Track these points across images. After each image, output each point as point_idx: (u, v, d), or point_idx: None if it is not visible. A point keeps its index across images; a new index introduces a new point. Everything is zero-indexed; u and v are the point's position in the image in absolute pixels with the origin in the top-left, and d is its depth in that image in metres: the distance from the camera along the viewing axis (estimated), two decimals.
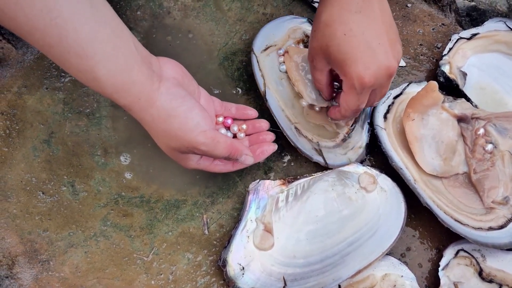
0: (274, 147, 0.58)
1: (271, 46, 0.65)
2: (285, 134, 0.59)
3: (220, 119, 0.57)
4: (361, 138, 0.61)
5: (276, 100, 0.61)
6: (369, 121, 0.62)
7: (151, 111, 0.46)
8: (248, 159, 0.54)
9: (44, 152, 0.60)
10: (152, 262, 0.55)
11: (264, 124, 0.59)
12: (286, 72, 0.63)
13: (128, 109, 0.46)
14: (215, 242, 0.57)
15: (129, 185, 0.60)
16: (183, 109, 0.47)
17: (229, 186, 0.60)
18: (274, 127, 0.60)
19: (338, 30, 0.48)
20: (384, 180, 0.57)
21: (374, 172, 0.57)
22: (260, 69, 0.63)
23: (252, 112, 0.59)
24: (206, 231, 0.58)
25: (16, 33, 0.40)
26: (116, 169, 0.60)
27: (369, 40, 0.48)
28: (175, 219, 0.58)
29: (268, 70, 0.63)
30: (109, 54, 0.42)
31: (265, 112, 0.61)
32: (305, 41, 0.66)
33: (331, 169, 0.59)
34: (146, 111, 0.46)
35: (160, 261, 0.56)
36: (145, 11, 0.70)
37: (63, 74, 0.65)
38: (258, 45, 0.64)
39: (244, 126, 0.58)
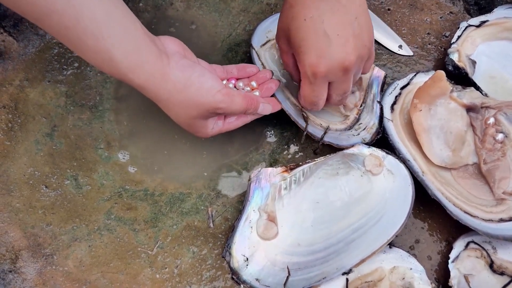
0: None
1: (269, 41, 0.64)
2: (293, 119, 0.58)
3: (224, 82, 0.57)
4: (372, 118, 0.60)
5: (281, 90, 0.60)
6: (378, 99, 0.61)
7: (166, 86, 0.47)
8: (267, 108, 0.55)
9: (46, 146, 0.60)
10: (157, 255, 0.55)
11: (268, 73, 0.59)
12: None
13: (144, 88, 0.47)
14: (220, 236, 0.56)
15: (133, 178, 0.59)
16: (195, 75, 0.48)
17: (234, 178, 0.59)
18: (284, 115, 0.59)
19: (300, 13, 0.48)
20: (391, 162, 0.55)
21: (380, 153, 0.56)
22: (261, 62, 0.62)
23: (254, 69, 0.59)
24: (211, 224, 0.57)
25: (33, 18, 0.41)
26: (120, 162, 0.59)
27: (328, 29, 0.47)
28: (180, 212, 0.57)
29: (269, 62, 0.63)
30: (122, 35, 0.43)
31: None
32: None
33: (337, 150, 0.58)
34: (161, 87, 0.47)
35: (164, 255, 0.55)
36: (147, 3, 0.69)
37: (65, 66, 0.64)
38: (257, 40, 0.64)
39: (254, 83, 0.58)
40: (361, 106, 0.61)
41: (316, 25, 0.47)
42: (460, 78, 0.62)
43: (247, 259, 0.52)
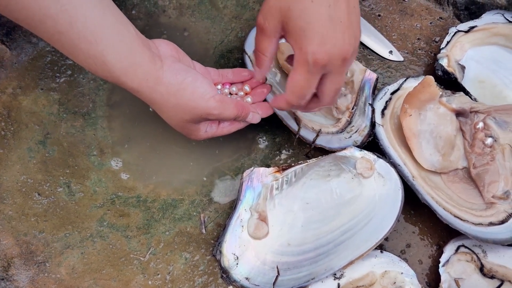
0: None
1: None
2: (285, 123, 0.59)
3: (219, 86, 0.58)
4: (364, 120, 0.60)
5: (273, 95, 0.61)
6: (370, 102, 0.61)
7: (159, 89, 0.48)
8: (255, 117, 0.55)
9: (39, 153, 0.60)
10: (149, 262, 0.55)
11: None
12: (281, 67, 0.63)
13: (137, 91, 0.48)
14: (212, 242, 0.56)
15: (125, 185, 0.59)
16: (189, 80, 0.49)
17: (226, 184, 0.60)
18: (275, 121, 0.59)
19: None
20: (382, 165, 0.56)
21: (371, 157, 0.56)
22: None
23: (248, 73, 0.60)
24: (203, 230, 0.57)
25: (26, 23, 0.42)
26: (112, 169, 0.60)
27: (333, 14, 0.44)
28: (172, 218, 0.58)
29: None
30: (115, 39, 0.44)
31: None
32: None
33: (330, 152, 0.58)
34: (155, 90, 0.48)
35: (157, 261, 0.55)
36: (140, 10, 0.69)
37: (58, 74, 0.64)
38: (250, 45, 0.64)
39: (247, 88, 0.58)
40: (353, 108, 0.62)
41: (324, 9, 0.44)
42: (450, 83, 0.62)
43: (237, 258, 0.53)
